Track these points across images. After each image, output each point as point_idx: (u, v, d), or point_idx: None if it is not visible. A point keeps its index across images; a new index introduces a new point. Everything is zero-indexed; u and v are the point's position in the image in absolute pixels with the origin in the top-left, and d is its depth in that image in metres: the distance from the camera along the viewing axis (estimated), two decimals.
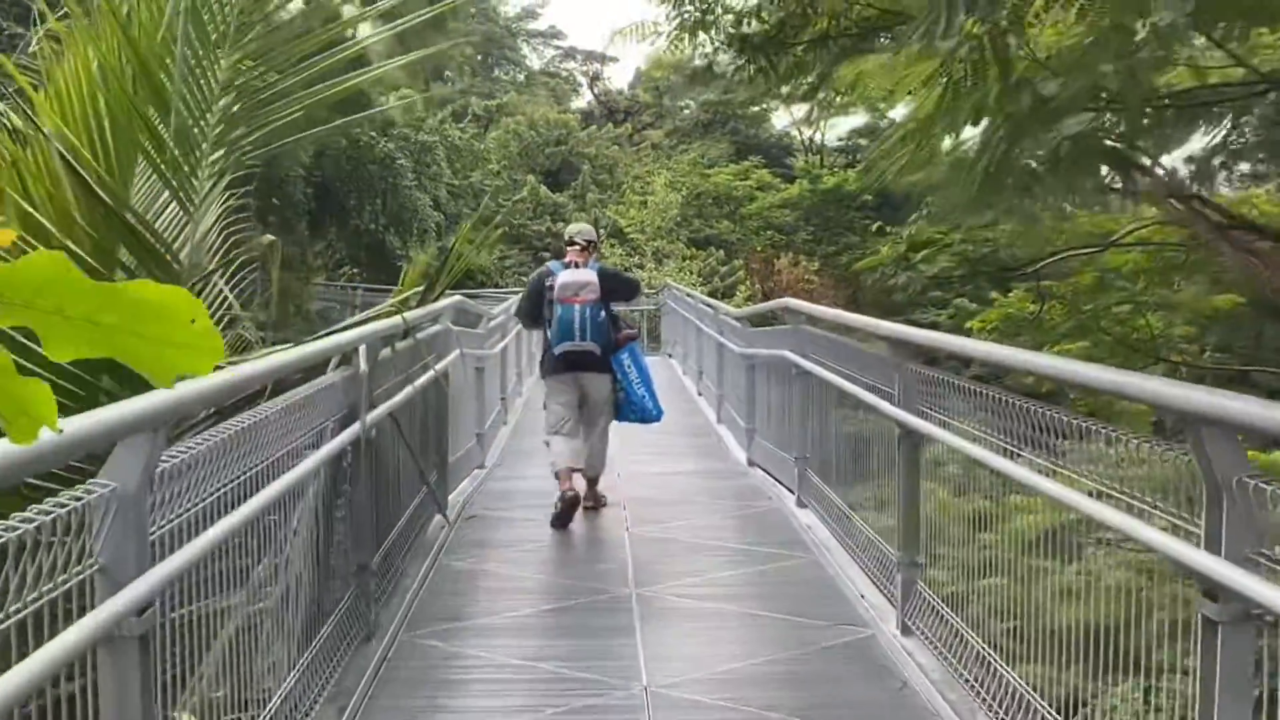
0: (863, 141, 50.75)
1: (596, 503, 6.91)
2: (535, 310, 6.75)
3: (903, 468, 4.42)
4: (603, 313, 6.53)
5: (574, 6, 79.16)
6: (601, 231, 30.36)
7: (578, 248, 6.66)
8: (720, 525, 6.55)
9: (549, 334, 6.62)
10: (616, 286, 6.73)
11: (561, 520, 6.37)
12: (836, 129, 53.58)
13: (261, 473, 3.08)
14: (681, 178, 34.36)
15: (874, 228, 11.69)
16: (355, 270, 28.67)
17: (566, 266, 6.60)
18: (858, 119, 52.34)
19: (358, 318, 4.67)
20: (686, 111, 54.04)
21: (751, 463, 8.53)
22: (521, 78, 53.84)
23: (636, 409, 6.84)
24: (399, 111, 26.70)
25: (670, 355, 18.14)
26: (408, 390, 4.96)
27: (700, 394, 12.93)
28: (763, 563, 5.55)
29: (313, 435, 3.78)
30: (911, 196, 43.02)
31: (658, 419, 7.02)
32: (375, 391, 4.45)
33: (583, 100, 53.86)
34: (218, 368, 1.03)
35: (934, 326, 39.26)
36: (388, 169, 19.25)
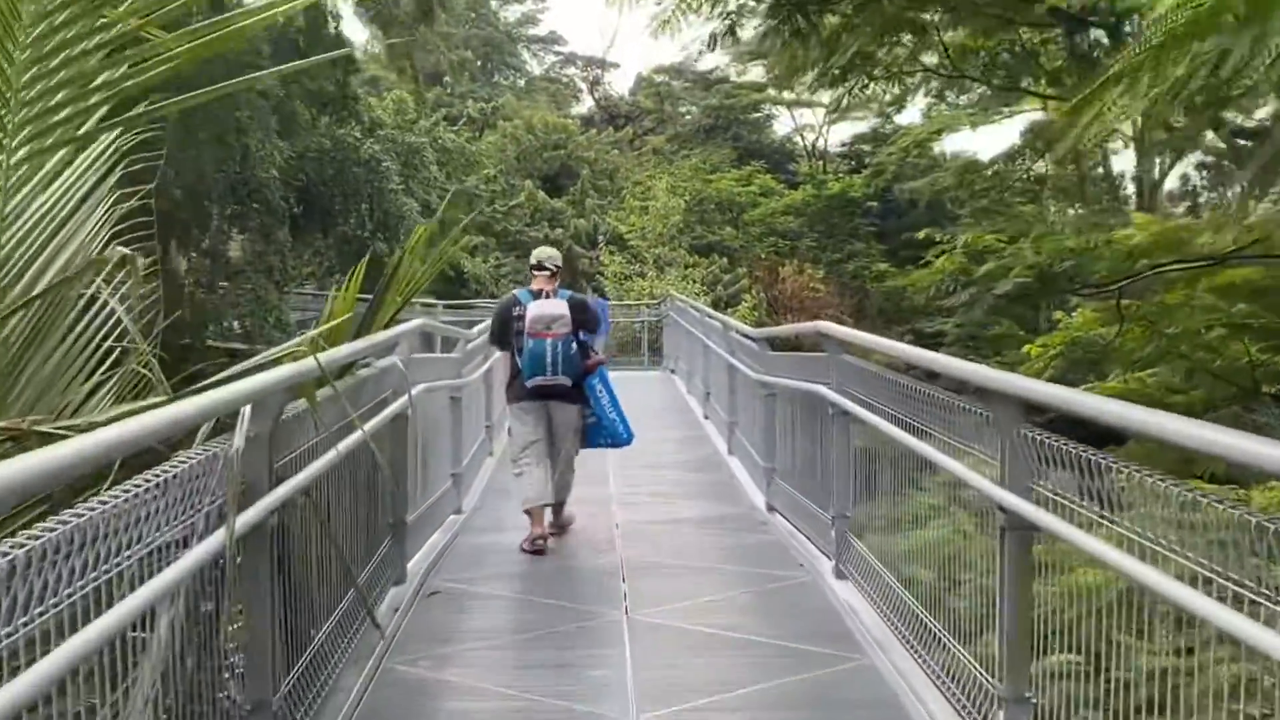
0: (866, 148, 50.01)
1: (561, 530, 6.78)
2: (504, 339, 6.67)
3: (1008, 570, 3.22)
4: (574, 344, 6.44)
5: (574, 12, 78.12)
6: (600, 239, 29.18)
7: (546, 274, 6.58)
8: (741, 606, 5.28)
9: (519, 361, 6.47)
10: (586, 319, 6.62)
11: (534, 549, 6.31)
12: (840, 133, 52.51)
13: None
14: (683, 183, 33.15)
15: (920, 235, 10.39)
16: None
17: (535, 295, 6.50)
18: (862, 124, 51.52)
19: (257, 359, 3.41)
20: (688, 116, 53.16)
21: (771, 508, 7.32)
22: (522, 83, 52.95)
23: (608, 433, 6.81)
24: (390, 113, 25.54)
25: (673, 371, 16.90)
26: (328, 456, 3.70)
27: (707, 417, 11.72)
28: (800, 667, 4.29)
29: (177, 534, 2.59)
30: (917, 204, 41.94)
31: (628, 442, 6.98)
32: (279, 462, 3.24)
33: (583, 106, 53.03)
34: None
35: (939, 336, 38.08)
36: (373, 172, 17.98)
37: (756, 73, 50.47)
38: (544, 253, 6.82)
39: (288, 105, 18.55)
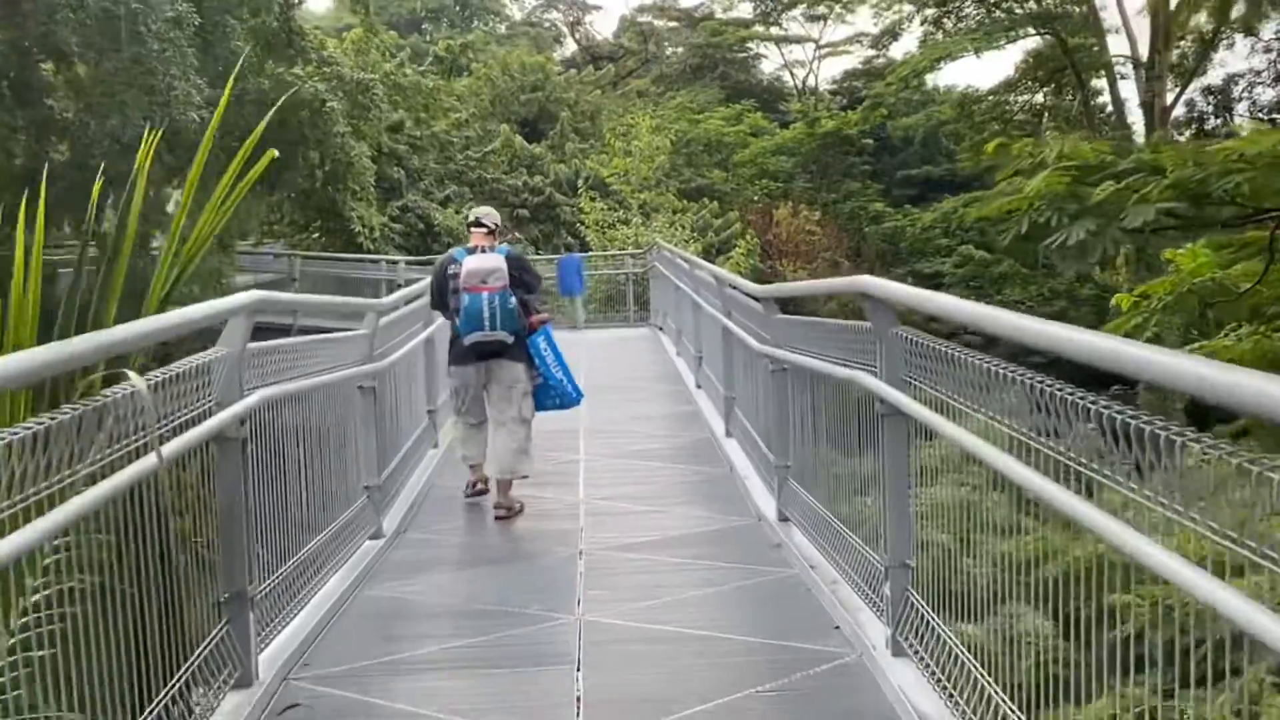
0: (858, 84, 47.79)
1: (509, 512, 6.24)
2: (441, 300, 6.51)
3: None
4: (513, 299, 6.17)
5: None
6: (581, 183, 27.13)
7: (484, 230, 6.36)
8: (765, 711, 3.53)
9: (456, 324, 6.29)
10: (523, 275, 6.38)
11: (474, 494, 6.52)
12: (830, 69, 50.42)
13: None
14: (670, 123, 30.98)
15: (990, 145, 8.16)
16: (316, 236, 25.44)
17: (471, 252, 6.30)
18: (853, 60, 49.33)
19: None
20: (672, 55, 50.95)
21: (784, 518, 5.55)
22: (503, 29, 50.72)
23: (556, 393, 6.50)
24: (350, 54, 23.34)
25: (661, 329, 15.07)
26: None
27: (699, 386, 9.92)
28: None
29: None
30: (912, 141, 39.68)
31: (577, 401, 6.71)
32: None
33: (566, 51, 50.74)
34: None
35: (938, 277, 36.19)
36: (317, 114, 15.94)
37: (744, 9, 48.16)
38: (481, 210, 6.64)
39: (224, 44, 16.54)
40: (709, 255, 25.33)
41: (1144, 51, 32.00)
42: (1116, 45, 33.68)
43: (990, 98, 39.54)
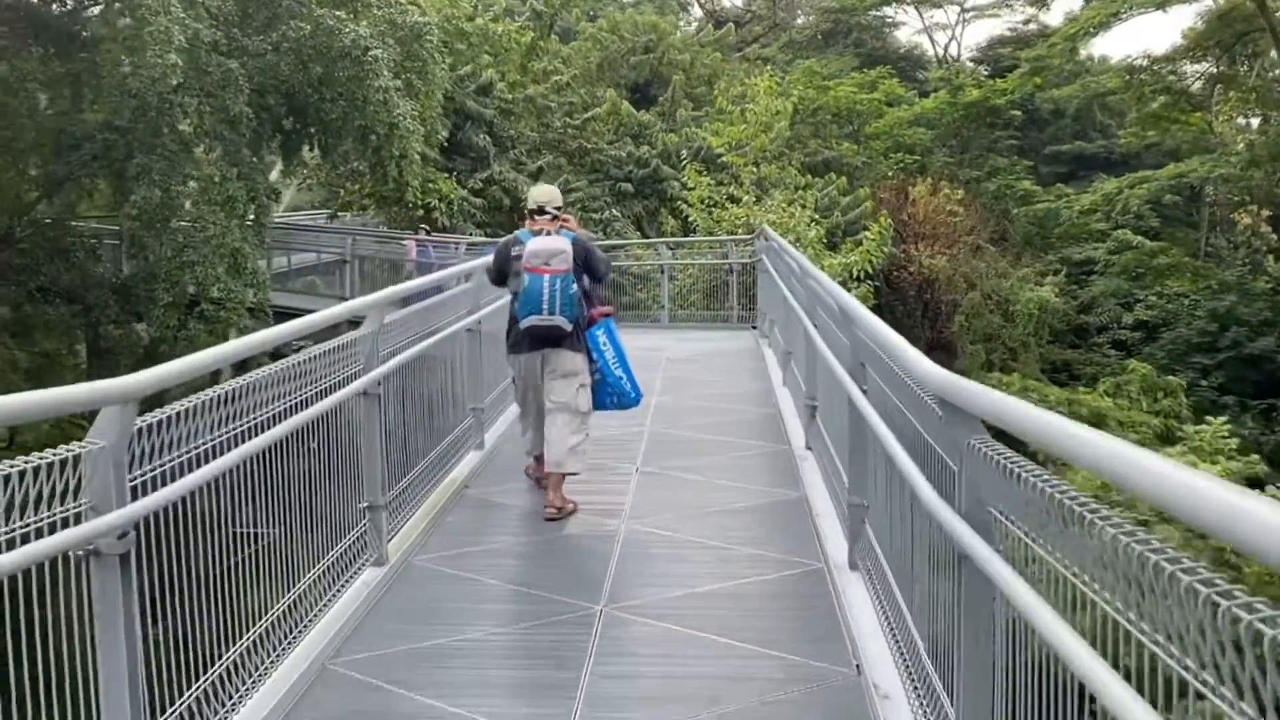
0: (1004, 51, 43.40)
1: (559, 512, 5.81)
2: (501, 279, 6.25)
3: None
4: (574, 284, 5.83)
5: None
6: (685, 153, 23.91)
7: (548, 217, 5.97)
8: None
9: (514, 307, 6.06)
10: (590, 259, 6.03)
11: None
12: (974, 36, 46.22)
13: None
14: (794, 90, 27.18)
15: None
16: (399, 210, 22.91)
17: (536, 234, 5.96)
18: (1000, 25, 44.91)
19: None
20: (801, 22, 47.59)
21: None
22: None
23: (614, 392, 6.18)
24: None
25: (765, 338, 11.84)
26: None
27: (809, 447, 6.76)
28: None
29: None
30: (1064, 114, 34.99)
31: (636, 402, 6.34)
32: None
33: (691, 22, 47.49)
34: None
35: (1090, 264, 31.60)
36: (357, 64, 13.11)
37: None
38: (545, 194, 6.14)
39: None
40: (835, 239, 21.81)
41: None
42: None
43: (1156, 67, 34.83)
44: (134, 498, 2.88)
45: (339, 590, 4.45)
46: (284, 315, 12.11)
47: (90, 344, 18.86)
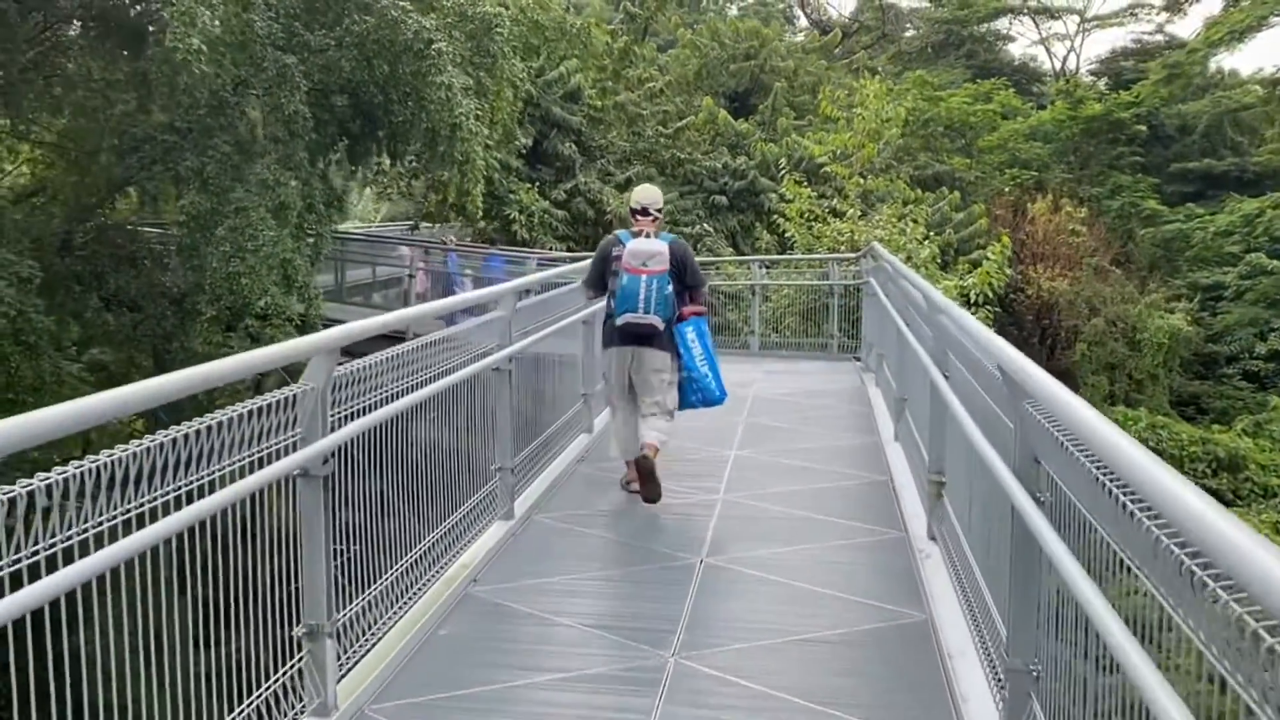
0: (1126, 64, 40.74)
1: (646, 491, 5.96)
2: (599, 279, 6.40)
3: None
4: (670, 285, 6.07)
5: None
6: (785, 163, 22.27)
7: (650, 218, 6.22)
8: None
9: (612, 303, 6.26)
10: (687, 265, 6.22)
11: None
12: (1094, 47, 43.86)
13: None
14: (904, 100, 25.25)
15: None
16: (483, 224, 21.76)
17: (635, 235, 6.21)
18: (1122, 36, 42.36)
19: None
20: (911, 34, 45.73)
21: None
22: (734, 9, 46.16)
23: (699, 388, 6.27)
24: None
25: (870, 373, 10.17)
26: None
27: (933, 538, 5.15)
28: None
29: None
30: (1191, 131, 32.24)
31: (720, 400, 6.41)
32: None
33: (796, 33, 45.80)
34: None
35: (1219, 289, 28.77)
36: (421, 58, 11.88)
37: None
38: (648, 195, 6.35)
39: None
40: (946, 258, 19.97)
41: None
42: None
43: None
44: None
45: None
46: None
47: (156, 355, 18.18)
